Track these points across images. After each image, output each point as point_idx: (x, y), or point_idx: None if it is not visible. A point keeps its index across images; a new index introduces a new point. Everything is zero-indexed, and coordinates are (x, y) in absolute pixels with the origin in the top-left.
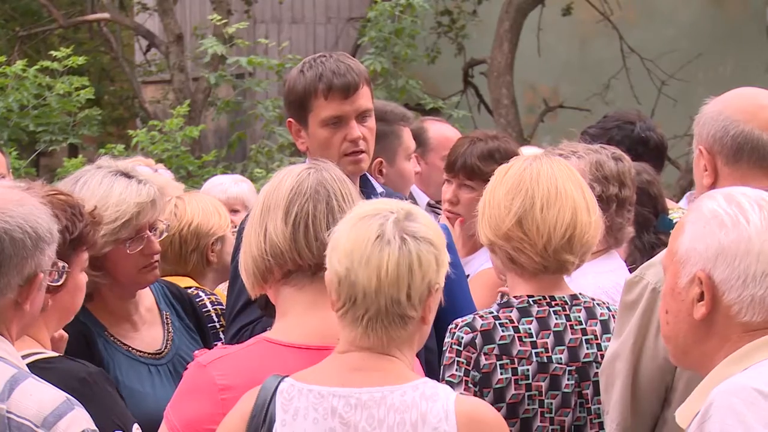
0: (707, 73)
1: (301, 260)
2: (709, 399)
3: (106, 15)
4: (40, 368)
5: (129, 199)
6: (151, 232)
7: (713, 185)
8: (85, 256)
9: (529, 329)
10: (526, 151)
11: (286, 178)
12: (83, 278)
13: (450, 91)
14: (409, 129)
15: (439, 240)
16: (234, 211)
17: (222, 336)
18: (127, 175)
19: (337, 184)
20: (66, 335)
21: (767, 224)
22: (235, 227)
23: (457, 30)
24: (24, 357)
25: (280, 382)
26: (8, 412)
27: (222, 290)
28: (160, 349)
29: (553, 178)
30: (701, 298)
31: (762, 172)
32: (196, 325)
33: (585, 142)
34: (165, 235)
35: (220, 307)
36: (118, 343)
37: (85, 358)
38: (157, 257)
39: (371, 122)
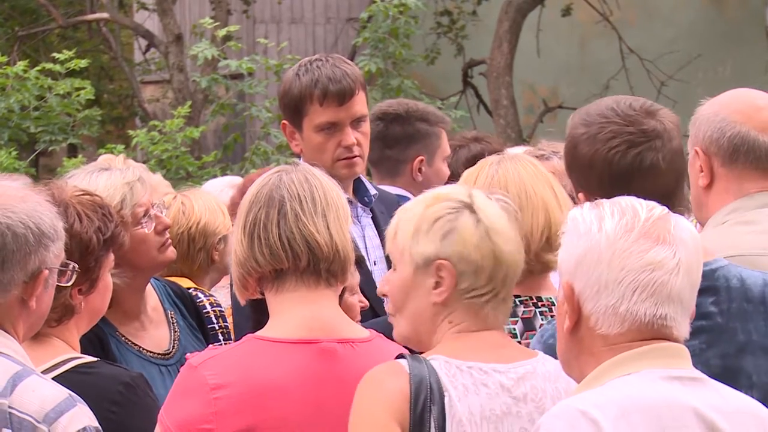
0: (707, 73)
1: (260, 268)
2: (539, 421)
3: (105, 15)
4: (81, 373)
5: (117, 182)
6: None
7: (709, 186)
8: (113, 257)
9: (514, 329)
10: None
11: (255, 184)
12: (110, 279)
13: (450, 92)
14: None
15: None
16: None
17: (221, 337)
18: (107, 169)
19: (299, 189)
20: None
21: (622, 232)
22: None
23: (457, 30)
24: (62, 363)
25: (425, 360)
26: (10, 407)
27: (221, 287)
28: (168, 350)
29: (521, 183)
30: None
31: (758, 174)
32: (198, 324)
33: None
34: (166, 212)
35: (219, 308)
36: (129, 343)
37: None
38: (168, 234)
39: (365, 127)
